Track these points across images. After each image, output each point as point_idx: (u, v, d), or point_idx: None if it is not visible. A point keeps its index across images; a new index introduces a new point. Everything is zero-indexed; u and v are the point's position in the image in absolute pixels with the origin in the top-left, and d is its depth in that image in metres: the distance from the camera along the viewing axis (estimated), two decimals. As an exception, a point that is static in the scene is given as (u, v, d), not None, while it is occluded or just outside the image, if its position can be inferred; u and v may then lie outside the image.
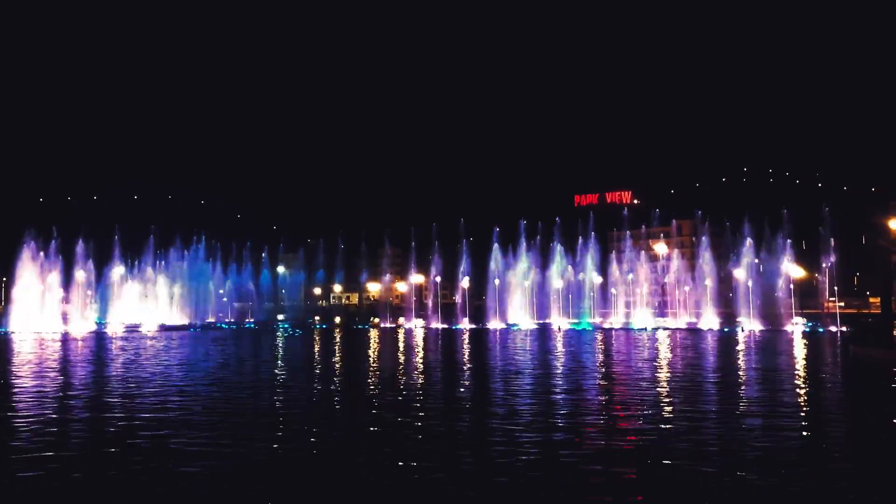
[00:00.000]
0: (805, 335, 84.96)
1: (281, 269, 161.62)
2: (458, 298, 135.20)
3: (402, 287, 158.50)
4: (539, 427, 22.98)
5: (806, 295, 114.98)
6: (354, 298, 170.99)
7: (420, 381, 37.37)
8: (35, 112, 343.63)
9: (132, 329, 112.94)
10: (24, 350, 62.88)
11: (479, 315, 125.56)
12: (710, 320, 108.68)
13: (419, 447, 20.37)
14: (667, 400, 29.43)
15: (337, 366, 48.26)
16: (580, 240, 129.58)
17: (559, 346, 65.00)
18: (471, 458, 18.75)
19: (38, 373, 41.30)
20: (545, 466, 17.74)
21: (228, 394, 32.02)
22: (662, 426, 23.16)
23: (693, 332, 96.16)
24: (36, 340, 79.26)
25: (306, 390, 33.81)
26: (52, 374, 40.48)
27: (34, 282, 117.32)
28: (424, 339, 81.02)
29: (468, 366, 46.66)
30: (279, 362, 49.80)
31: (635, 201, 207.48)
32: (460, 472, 17.49)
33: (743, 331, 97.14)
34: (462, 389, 33.99)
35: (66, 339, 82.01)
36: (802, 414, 26.40)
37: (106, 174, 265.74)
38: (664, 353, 56.16)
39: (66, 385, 35.30)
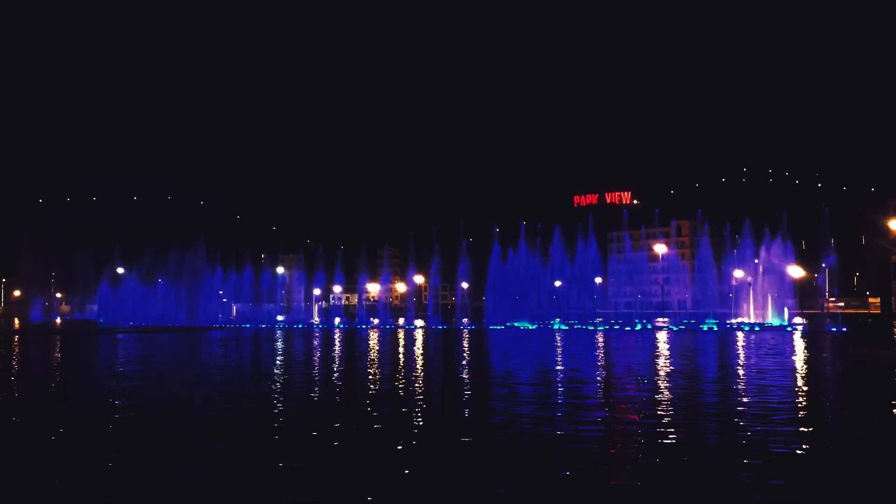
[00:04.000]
0: (804, 335, 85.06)
1: (280, 270, 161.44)
2: (457, 299, 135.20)
3: (401, 288, 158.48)
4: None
5: (805, 295, 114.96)
6: (354, 299, 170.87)
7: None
8: (32, 116, 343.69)
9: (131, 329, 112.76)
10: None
11: (477, 315, 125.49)
12: (709, 320, 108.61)
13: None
14: (665, 401, 29.39)
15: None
16: (580, 240, 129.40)
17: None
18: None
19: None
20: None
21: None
22: (660, 427, 23.14)
23: (693, 331, 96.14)
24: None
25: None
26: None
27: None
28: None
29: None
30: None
31: (635, 202, 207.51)
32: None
33: (742, 330, 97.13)
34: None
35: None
36: (802, 414, 26.39)
37: (104, 176, 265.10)
38: (663, 354, 56.12)
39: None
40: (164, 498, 15.43)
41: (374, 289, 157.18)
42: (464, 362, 49.99)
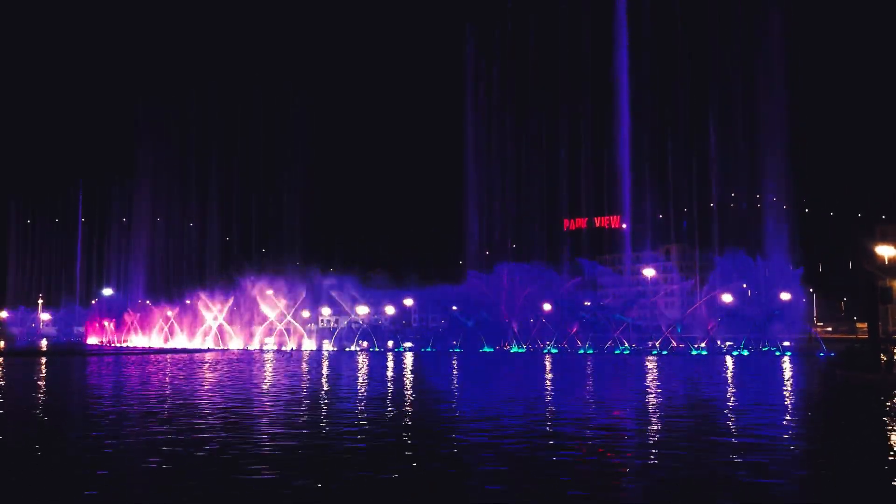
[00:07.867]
0: (791, 359, 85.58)
1: (269, 293, 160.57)
2: (446, 322, 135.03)
3: (390, 311, 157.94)
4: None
5: (793, 320, 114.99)
6: (343, 322, 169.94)
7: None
8: (25, 131, 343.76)
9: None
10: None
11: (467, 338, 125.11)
12: (697, 344, 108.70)
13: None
14: (653, 426, 29.33)
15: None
16: (567, 264, 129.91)
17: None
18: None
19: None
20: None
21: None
22: (644, 450, 23.09)
23: (680, 356, 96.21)
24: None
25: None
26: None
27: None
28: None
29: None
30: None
31: (623, 226, 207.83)
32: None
33: (731, 355, 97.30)
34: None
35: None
36: (789, 435, 26.40)
37: (95, 195, 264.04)
38: (650, 379, 56.11)
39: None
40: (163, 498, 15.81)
41: (363, 311, 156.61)
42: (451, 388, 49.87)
